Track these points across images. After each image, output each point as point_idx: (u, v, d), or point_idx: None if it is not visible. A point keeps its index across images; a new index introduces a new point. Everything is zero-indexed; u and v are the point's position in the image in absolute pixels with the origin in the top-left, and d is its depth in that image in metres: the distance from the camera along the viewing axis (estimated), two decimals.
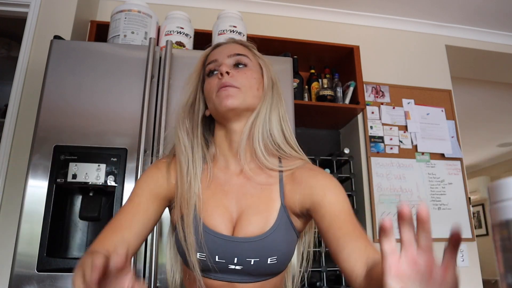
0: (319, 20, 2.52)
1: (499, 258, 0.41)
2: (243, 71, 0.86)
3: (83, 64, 1.44)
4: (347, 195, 0.83)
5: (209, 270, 0.79)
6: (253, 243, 0.78)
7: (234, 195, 0.84)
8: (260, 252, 0.78)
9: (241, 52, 0.89)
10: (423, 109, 2.41)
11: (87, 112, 1.39)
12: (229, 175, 0.86)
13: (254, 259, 0.77)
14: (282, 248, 0.80)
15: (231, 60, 0.87)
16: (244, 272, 0.79)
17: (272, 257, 0.78)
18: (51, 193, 1.28)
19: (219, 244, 0.78)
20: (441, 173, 2.31)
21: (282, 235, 0.80)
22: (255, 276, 0.80)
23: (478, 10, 2.50)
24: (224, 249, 0.78)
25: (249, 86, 0.85)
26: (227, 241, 0.78)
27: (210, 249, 0.78)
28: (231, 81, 0.83)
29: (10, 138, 1.71)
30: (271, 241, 0.78)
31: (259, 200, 0.82)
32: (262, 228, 0.79)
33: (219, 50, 0.90)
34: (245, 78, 0.85)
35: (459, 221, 2.25)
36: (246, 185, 0.84)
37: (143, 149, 1.32)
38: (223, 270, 0.79)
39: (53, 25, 1.88)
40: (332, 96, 2.19)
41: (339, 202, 0.79)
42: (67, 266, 1.24)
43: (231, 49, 0.90)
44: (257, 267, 0.78)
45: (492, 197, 0.43)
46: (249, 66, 0.88)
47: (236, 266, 0.78)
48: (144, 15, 1.69)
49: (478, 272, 2.20)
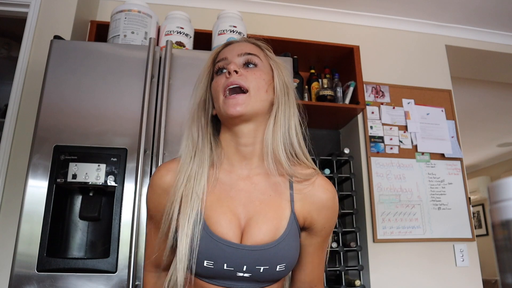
0: (319, 20, 2.52)
1: (499, 258, 0.41)
2: (253, 71, 0.82)
3: (83, 64, 1.44)
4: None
5: (217, 278, 0.77)
6: (264, 251, 0.76)
7: (241, 201, 0.80)
8: (271, 260, 0.76)
9: (252, 52, 0.85)
10: (423, 109, 2.41)
11: (87, 112, 1.39)
12: (235, 179, 0.83)
13: (264, 267, 0.76)
14: (291, 255, 0.79)
15: (241, 59, 0.84)
16: (252, 279, 0.77)
17: (281, 264, 0.77)
18: (51, 193, 1.28)
19: (228, 252, 0.75)
20: (441, 173, 2.31)
21: (291, 242, 0.79)
22: (261, 282, 0.78)
23: (478, 10, 2.50)
24: (233, 257, 0.75)
25: (257, 87, 0.81)
26: (236, 249, 0.76)
27: (219, 257, 0.75)
28: (239, 80, 0.79)
29: (10, 138, 1.71)
30: (281, 249, 0.77)
31: (268, 207, 0.80)
32: (272, 236, 0.77)
33: (230, 48, 0.86)
34: (254, 78, 0.81)
35: (459, 221, 2.25)
36: (253, 191, 0.81)
37: (143, 149, 1.32)
38: (231, 277, 0.77)
39: (53, 25, 1.89)
40: (332, 96, 2.19)
41: (328, 235, 0.86)
42: (67, 266, 1.24)
43: (242, 47, 0.86)
44: (265, 274, 0.77)
45: (492, 197, 0.43)
46: (259, 66, 0.84)
47: (244, 274, 0.76)
48: (144, 15, 1.69)
49: (478, 272, 2.20)
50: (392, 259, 2.11)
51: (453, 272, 2.16)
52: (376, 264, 2.08)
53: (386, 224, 2.14)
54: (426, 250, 2.16)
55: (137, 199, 1.26)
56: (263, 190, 0.81)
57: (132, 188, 1.33)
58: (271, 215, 0.79)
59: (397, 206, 2.19)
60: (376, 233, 2.11)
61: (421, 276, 2.11)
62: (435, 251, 2.17)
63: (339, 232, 1.99)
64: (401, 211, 2.19)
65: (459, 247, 2.20)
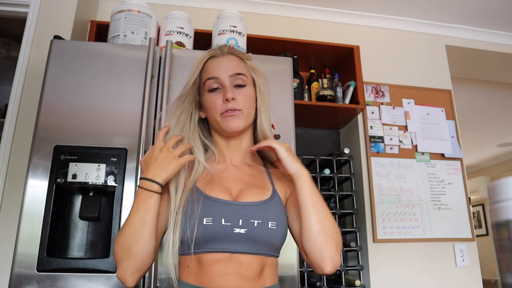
0: (319, 20, 2.52)
1: (499, 258, 0.41)
2: (243, 93, 0.96)
3: (83, 64, 1.44)
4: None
5: (215, 239, 0.84)
6: (256, 206, 0.88)
7: (232, 179, 0.95)
8: (262, 215, 0.87)
9: (240, 71, 0.97)
10: (423, 109, 2.41)
11: (87, 112, 1.39)
12: (226, 165, 0.98)
13: (257, 220, 0.86)
14: (280, 216, 0.90)
15: (231, 80, 0.95)
16: (248, 237, 0.85)
17: (273, 221, 0.87)
18: (51, 193, 1.28)
19: (224, 208, 0.86)
20: (441, 173, 2.31)
21: (278, 206, 0.91)
22: (257, 244, 0.85)
23: (478, 10, 2.50)
24: (229, 212, 0.86)
25: (248, 106, 0.96)
26: (231, 205, 0.88)
27: (216, 212, 0.85)
28: (235, 106, 0.93)
29: (10, 138, 1.71)
30: (270, 207, 0.90)
31: (254, 183, 0.94)
32: (260, 197, 0.90)
33: (219, 66, 0.97)
34: (245, 100, 0.95)
35: (459, 221, 2.26)
36: (241, 173, 0.97)
37: (143, 149, 1.32)
38: (228, 235, 0.84)
39: (53, 25, 1.88)
40: (332, 96, 2.19)
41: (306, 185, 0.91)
42: (67, 266, 1.24)
43: (230, 66, 0.97)
44: (259, 230, 0.85)
45: (492, 197, 0.43)
46: (247, 84, 0.98)
47: (241, 229, 0.84)
48: (144, 15, 1.69)
49: (478, 272, 2.21)
50: (392, 259, 2.11)
51: (453, 272, 2.16)
52: (376, 264, 2.08)
53: (386, 224, 2.14)
54: (426, 250, 2.16)
55: None
56: (249, 173, 0.97)
57: (132, 188, 1.33)
58: (257, 187, 0.93)
59: (397, 206, 2.19)
60: (376, 233, 2.11)
61: (421, 276, 2.11)
62: (435, 251, 2.17)
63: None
64: (401, 211, 2.19)
65: (459, 247, 2.20)
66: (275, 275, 0.91)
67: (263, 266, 0.87)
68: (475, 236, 2.27)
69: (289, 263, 1.34)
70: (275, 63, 1.58)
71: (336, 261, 0.85)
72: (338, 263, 0.86)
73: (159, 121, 1.39)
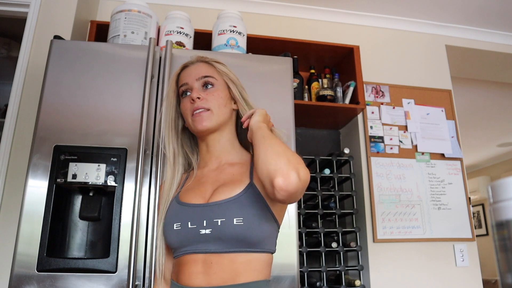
0: (319, 20, 2.52)
1: (499, 258, 0.41)
2: (211, 92, 1.01)
3: (83, 64, 1.44)
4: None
5: (186, 242, 0.90)
6: (219, 205, 0.90)
7: (209, 182, 0.98)
8: (226, 212, 0.88)
9: (207, 74, 1.03)
10: (423, 109, 2.41)
11: (87, 112, 1.39)
12: (206, 171, 1.02)
13: (220, 219, 0.87)
14: (248, 211, 0.88)
15: (199, 82, 1.02)
16: (214, 237, 0.87)
17: (238, 218, 0.86)
18: (51, 193, 1.28)
19: (191, 211, 0.92)
20: (441, 173, 2.31)
21: (249, 201, 0.89)
22: (226, 242, 0.87)
23: (478, 10, 2.50)
24: (194, 215, 0.91)
25: (218, 105, 1.00)
26: (197, 208, 0.92)
27: (184, 217, 0.92)
28: (202, 104, 0.98)
29: (10, 138, 1.71)
30: (237, 203, 0.89)
31: (229, 181, 0.96)
32: (230, 194, 0.91)
33: (188, 72, 1.05)
34: (213, 98, 1.00)
35: (459, 221, 2.26)
36: (220, 174, 0.99)
37: (143, 149, 1.32)
38: (196, 237, 0.89)
39: (53, 25, 1.88)
40: (332, 96, 2.19)
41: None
42: (67, 266, 1.24)
43: (198, 71, 1.04)
44: (224, 228, 0.87)
45: (492, 197, 0.43)
46: (216, 85, 1.02)
47: (206, 230, 0.88)
48: (144, 15, 1.69)
49: (478, 272, 2.21)
50: (392, 259, 2.11)
51: (453, 272, 2.16)
52: (376, 264, 2.08)
53: (386, 224, 2.14)
54: (426, 250, 2.16)
55: (137, 199, 1.26)
56: (229, 172, 0.98)
57: (132, 188, 1.32)
58: (230, 185, 0.94)
59: (397, 206, 2.19)
60: (376, 233, 2.11)
61: (421, 276, 2.12)
62: (435, 251, 2.17)
63: (339, 232, 1.99)
64: (401, 211, 2.19)
65: (459, 247, 2.20)
66: (259, 272, 0.89)
67: (237, 264, 0.86)
68: (475, 236, 2.27)
69: (289, 263, 1.34)
70: (275, 63, 1.58)
71: (286, 174, 0.76)
72: (294, 177, 0.76)
73: (159, 121, 1.39)
